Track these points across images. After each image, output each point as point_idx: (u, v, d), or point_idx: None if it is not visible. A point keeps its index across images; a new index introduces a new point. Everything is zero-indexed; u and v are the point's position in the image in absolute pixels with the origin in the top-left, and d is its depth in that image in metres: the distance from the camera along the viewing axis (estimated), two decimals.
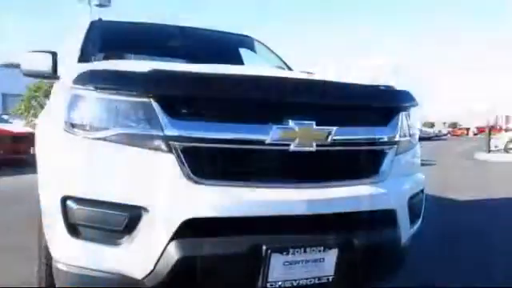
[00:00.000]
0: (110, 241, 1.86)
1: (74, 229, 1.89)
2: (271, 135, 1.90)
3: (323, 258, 1.97)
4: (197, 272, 1.85)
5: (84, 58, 2.98)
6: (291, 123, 1.93)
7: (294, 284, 1.95)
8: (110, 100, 1.89)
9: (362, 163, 2.14)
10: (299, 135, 1.93)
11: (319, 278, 1.98)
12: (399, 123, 2.26)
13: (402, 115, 2.30)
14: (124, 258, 1.86)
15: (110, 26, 3.59)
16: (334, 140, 2.00)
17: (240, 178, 1.90)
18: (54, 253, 2.01)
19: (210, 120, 1.88)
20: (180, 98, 1.89)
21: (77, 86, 1.94)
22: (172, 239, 1.80)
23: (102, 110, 1.90)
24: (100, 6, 23.25)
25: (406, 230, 2.28)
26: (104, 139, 1.88)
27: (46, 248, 2.10)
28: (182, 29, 3.84)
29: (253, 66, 3.76)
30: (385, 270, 2.27)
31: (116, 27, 3.66)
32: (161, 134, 1.83)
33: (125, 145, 1.86)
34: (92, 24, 3.44)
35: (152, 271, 1.84)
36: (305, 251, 1.93)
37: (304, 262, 1.93)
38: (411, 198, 2.31)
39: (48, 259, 2.11)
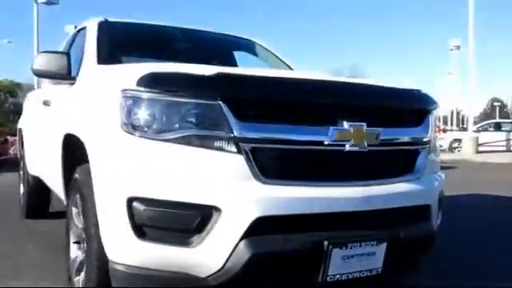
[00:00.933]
0: (178, 241, 1.88)
1: (140, 230, 1.90)
2: (330, 136, 2.00)
3: (375, 252, 2.09)
4: (264, 268, 1.92)
5: (104, 60, 2.94)
6: (346, 125, 2.05)
7: (350, 277, 2.05)
8: (178, 102, 1.92)
9: (403, 162, 2.29)
10: (353, 136, 2.05)
11: (370, 271, 2.10)
12: (430, 124, 2.43)
13: (431, 117, 2.47)
14: (192, 257, 1.89)
15: (119, 26, 3.56)
16: (382, 140, 2.14)
17: (303, 178, 1.98)
18: (112, 255, 2.01)
19: (275, 122, 1.95)
20: (247, 101, 1.96)
21: (141, 88, 1.95)
22: (243, 237, 1.85)
23: (169, 112, 1.92)
24: (48, 3, 22.42)
25: (436, 222, 2.45)
26: (173, 141, 1.90)
27: (100, 250, 2.08)
28: (188, 30, 3.87)
29: (298, 69, 3.82)
30: (421, 259, 2.42)
31: (124, 28, 3.62)
32: (231, 135, 1.88)
33: (194, 146, 1.89)
34: (101, 24, 3.39)
35: (220, 269, 1.89)
36: (360, 245, 2.04)
37: (359, 255, 2.05)
38: (439, 193, 2.49)
39: (101, 261, 2.09)
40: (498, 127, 22.69)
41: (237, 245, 1.86)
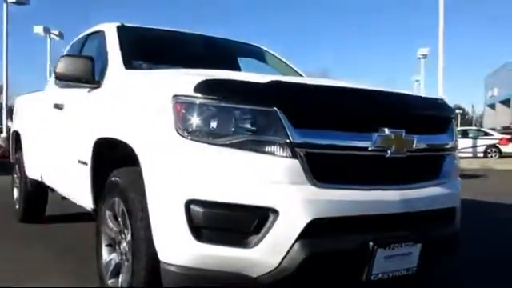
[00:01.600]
0: (236, 242, 1.95)
1: (197, 232, 1.95)
2: (374, 142, 2.12)
3: (411, 252, 2.21)
4: (315, 268, 2.01)
5: (130, 65, 2.98)
6: (387, 131, 2.17)
7: (390, 275, 2.17)
8: (235, 108, 1.99)
9: (433, 167, 2.42)
10: (394, 142, 2.17)
11: (407, 270, 2.22)
12: (454, 131, 2.58)
13: (454, 124, 2.62)
14: (248, 257, 1.95)
15: (136, 31, 3.59)
16: (417, 146, 2.27)
17: (350, 182, 2.09)
18: (166, 256, 2.05)
19: (325, 128, 2.05)
20: (301, 108, 2.05)
21: (198, 94, 2.01)
22: (298, 238, 1.94)
23: (226, 117, 1.99)
24: (18, 3, 21.90)
25: (459, 223, 2.60)
26: (230, 145, 1.97)
27: (150, 252, 2.13)
28: (201, 36, 3.95)
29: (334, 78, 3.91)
30: (447, 258, 2.56)
31: (141, 33, 3.65)
32: (287, 141, 1.97)
33: (251, 151, 1.97)
34: (119, 29, 3.41)
35: (274, 269, 1.96)
36: (400, 246, 2.16)
37: (399, 255, 2.16)
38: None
39: (151, 263, 2.13)
40: (465, 134, 23.46)
41: (292, 245, 1.94)
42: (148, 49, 3.47)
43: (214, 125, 2.00)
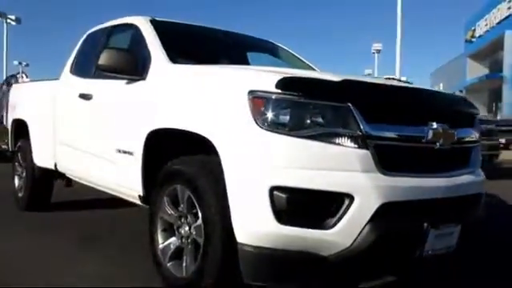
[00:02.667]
0: (315, 224, 2.13)
1: (280, 215, 2.12)
2: (427, 135, 2.36)
3: (453, 232, 2.48)
4: (381, 246, 2.22)
5: (173, 59, 3.07)
6: (436, 126, 2.41)
7: (437, 252, 2.42)
8: (313, 104, 2.16)
9: (466, 157, 2.70)
10: (442, 136, 2.42)
11: (448, 248, 2.49)
12: (478, 125, 2.86)
13: (477, 119, 2.91)
14: (325, 238, 2.14)
15: (168, 25, 3.65)
16: (458, 139, 2.53)
17: (408, 170, 2.31)
18: (246, 238, 2.21)
19: (390, 122, 2.27)
20: (371, 104, 2.25)
21: (278, 90, 2.17)
22: (370, 220, 2.15)
23: (305, 112, 2.16)
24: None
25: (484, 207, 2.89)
26: (309, 137, 2.14)
27: (225, 234, 2.28)
28: (224, 32, 4.07)
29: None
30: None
31: (173, 27, 3.72)
32: (359, 133, 2.17)
33: (328, 142, 2.15)
34: (154, 23, 3.48)
35: (346, 249, 2.16)
36: (447, 226, 2.42)
37: (445, 235, 2.42)
38: None
39: (227, 245, 2.28)
40: None
41: (364, 227, 2.15)
42: (181, 43, 3.55)
43: (293, 118, 2.16)
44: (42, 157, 4.68)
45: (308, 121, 2.17)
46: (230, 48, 4.03)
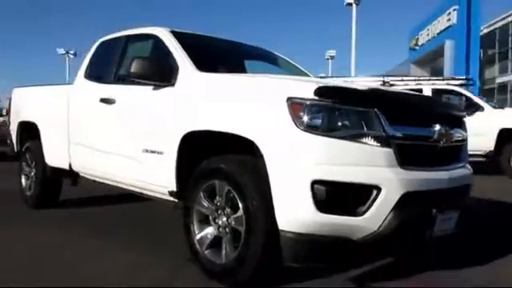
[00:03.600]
0: (349, 212, 2.34)
1: (320, 205, 2.31)
2: (434, 135, 2.62)
3: (452, 217, 2.75)
4: (404, 230, 2.46)
5: (200, 68, 3.20)
6: (439, 127, 2.67)
7: (441, 234, 2.69)
8: (346, 109, 2.38)
9: (460, 153, 2.98)
10: (445, 136, 2.69)
11: (449, 230, 2.76)
12: (465, 127, 3.16)
13: (465, 121, 3.20)
14: (357, 224, 2.35)
15: (187, 36, 3.75)
16: (455, 138, 2.81)
17: (420, 165, 2.57)
18: (288, 225, 2.38)
19: (406, 124, 2.52)
20: (392, 109, 2.48)
21: (315, 97, 2.37)
22: (393, 208, 2.38)
23: (339, 116, 2.37)
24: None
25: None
26: (343, 138, 2.35)
27: (267, 224, 2.44)
28: (232, 42, 4.23)
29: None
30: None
31: (191, 38, 3.82)
32: (384, 134, 2.40)
33: (358, 142, 2.36)
34: (175, 34, 3.59)
35: (373, 233, 2.38)
36: (449, 212, 2.69)
37: (448, 219, 2.70)
38: None
39: (269, 233, 2.45)
40: None
41: (388, 214, 2.38)
42: (200, 52, 3.63)
43: (329, 121, 2.36)
44: (55, 157, 4.67)
45: (341, 123, 2.37)
46: (240, 57, 4.18)
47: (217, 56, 3.92)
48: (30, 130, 5.13)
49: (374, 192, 2.36)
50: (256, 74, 3.03)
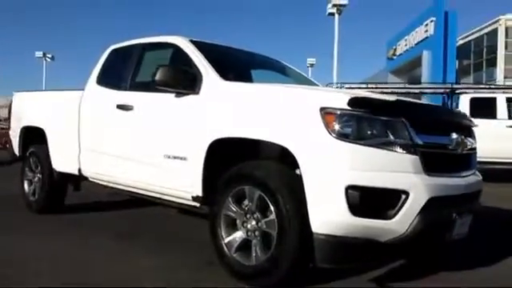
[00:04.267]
0: (380, 215, 2.48)
1: (353, 209, 2.45)
2: (453, 143, 2.80)
3: (467, 220, 2.93)
4: (428, 233, 2.61)
5: (223, 76, 3.31)
6: (456, 136, 2.85)
7: (459, 237, 2.87)
8: (376, 119, 2.52)
9: (471, 161, 3.17)
10: (461, 144, 2.87)
11: (464, 234, 2.94)
12: (475, 136, 3.35)
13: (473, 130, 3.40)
14: (387, 227, 2.50)
15: (205, 45, 3.84)
16: (468, 147, 2.99)
17: (442, 171, 2.73)
18: (321, 228, 2.51)
19: (429, 133, 2.68)
20: (417, 119, 2.64)
21: (348, 107, 2.51)
22: (420, 212, 2.53)
23: (370, 125, 2.51)
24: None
25: None
26: (374, 145, 2.50)
27: (301, 226, 2.56)
28: (249, 52, 4.36)
29: None
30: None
31: (208, 46, 3.90)
32: (411, 142, 2.55)
33: (388, 149, 2.51)
34: (195, 44, 3.68)
35: (400, 235, 2.52)
36: (466, 216, 2.86)
37: (464, 223, 2.87)
38: None
39: (302, 235, 2.57)
40: None
41: (416, 217, 2.53)
42: (219, 61, 3.71)
43: (360, 130, 2.51)
44: (63, 162, 4.67)
45: (372, 132, 2.52)
46: (254, 66, 4.31)
47: (234, 65, 4.03)
48: (34, 135, 5.11)
49: (403, 197, 2.51)
50: (286, 85, 3.15)
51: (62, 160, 4.69)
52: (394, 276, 3.10)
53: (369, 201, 2.47)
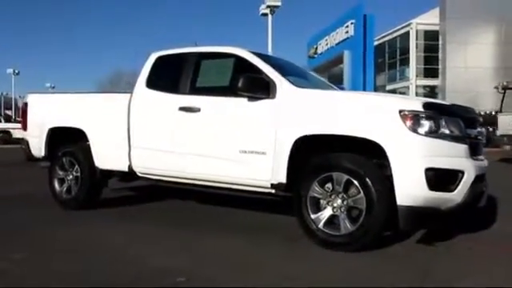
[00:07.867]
0: (446, 189, 3.35)
1: (429, 185, 3.28)
2: (479, 134, 3.77)
3: (486, 193, 3.92)
4: (472, 201, 3.54)
5: (293, 83, 3.99)
6: (478, 128, 3.83)
7: (483, 204, 3.85)
8: (442, 118, 3.39)
9: (481, 148, 4.14)
10: (481, 134, 3.86)
11: (485, 203, 3.92)
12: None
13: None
14: (450, 198, 3.37)
15: (262, 55, 4.41)
16: (482, 136, 3.99)
17: (476, 155, 3.68)
18: (405, 201, 3.31)
19: (470, 127, 3.63)
20: (465, 116, 3.60)
21: (422, 110, 3.35)
22: (470, 186, 3.44)
23: (439, 122, 3.37)
24: None
25: None
26: (442, 137, 3.37)
27: (388, 202, 3.35)
28: (286, 60, 5.01)
29: None
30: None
31: (265, 56, 4.47)
32: (463, 135, 3.47)
33: (450, 141, 3.40)
34: (255, 54, 4.28)
35: (457, 204, 3.41)
36: (486, 190, 3.85)
37: (486, 195, 3.85)
38: None
39: (387, 208, 3.36)
40: None
41: (468, 189, 3.43)
42: (279, 69, 4.23)
43: (432, 126, 3.36)
44: (108, 160, 4.97)
45: (439, 128, 3.38)
46: (295, 72, 4.94)
47: (288, 72, 4.49)
48: (65, 136, 5.31)
49: (460, 175, 3.41)
50: (361, 92, 3.90)
51: (107, 158, 4.98)
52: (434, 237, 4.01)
53: (440, 178, 3.33)
